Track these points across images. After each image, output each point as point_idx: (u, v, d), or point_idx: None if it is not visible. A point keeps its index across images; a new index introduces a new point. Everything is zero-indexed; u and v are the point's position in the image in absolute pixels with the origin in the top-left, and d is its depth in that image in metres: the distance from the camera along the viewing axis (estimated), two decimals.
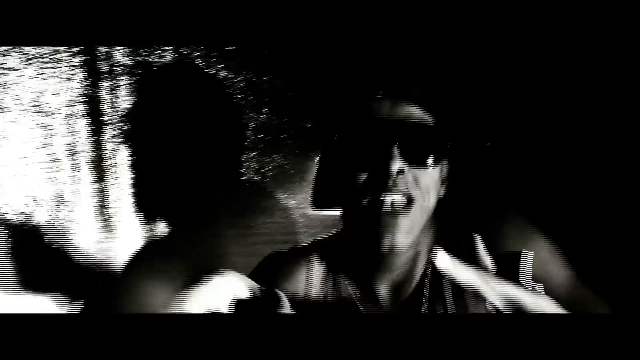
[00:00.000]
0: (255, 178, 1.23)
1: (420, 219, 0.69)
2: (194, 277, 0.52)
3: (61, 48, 1.18)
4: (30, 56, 1.17)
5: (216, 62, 1.22)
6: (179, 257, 1.18)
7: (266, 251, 1.19)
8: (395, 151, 0.65)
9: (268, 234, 1.21)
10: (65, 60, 1.19)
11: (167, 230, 1.25)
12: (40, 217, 1.21)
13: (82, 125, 1.22)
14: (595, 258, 0.81)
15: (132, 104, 1.24)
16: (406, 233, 0.68)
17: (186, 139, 1.22)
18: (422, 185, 0.68)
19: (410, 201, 0.67)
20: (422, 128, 0.67)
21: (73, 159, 1.22)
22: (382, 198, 0.66)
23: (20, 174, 1.20)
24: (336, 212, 0.78)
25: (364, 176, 0.68)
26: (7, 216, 1.19)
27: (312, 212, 1.21)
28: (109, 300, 1.19)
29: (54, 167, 1.21)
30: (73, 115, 1.21)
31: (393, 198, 0.66)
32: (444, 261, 0.50)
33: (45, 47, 1.17)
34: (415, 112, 0.68)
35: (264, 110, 1.23)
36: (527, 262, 0.68)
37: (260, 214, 1.22)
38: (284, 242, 1.19)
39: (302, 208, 1.23)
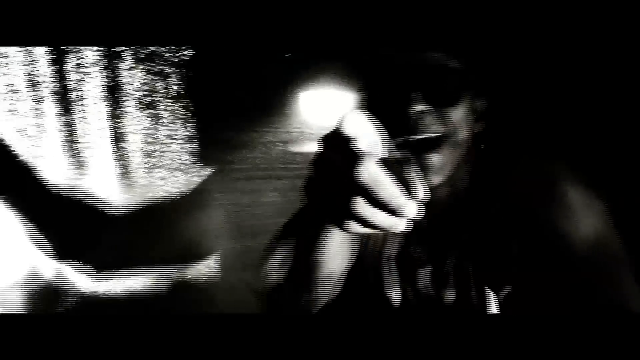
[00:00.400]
0: (235, 113, 1.19)
1: (451, 155, 0.70)
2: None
3: None
4: None
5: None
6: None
7: (248, 187, 1.17)
8: (414, 97, 0.67)
9: (249, 170, 1.19)
10: None
11: (145, 166, 1.21)
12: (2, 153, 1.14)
13: (40, 53, 1.13)
14: None
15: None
16: (437, 169, 0.69)
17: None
18: (448, 122, 0.69)
19: (437, 140, 0.68)
20: (441, 69, 0.68)
21: (34, 90, 1.14)
22: (404, 141, 0.67)
23: None
24: None
25: (387, 124, 0.68)
26: None
27: (293, 147, 1.20)
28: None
29: (14, 99, 1.13)
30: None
31: (417, 138, 0.67)
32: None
33: None
34: (433, 54, 0.68)
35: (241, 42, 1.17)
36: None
37: (240, 149, 1.19)
38: (266, 178, 1.18)
39: (283, 143, 1.21)
